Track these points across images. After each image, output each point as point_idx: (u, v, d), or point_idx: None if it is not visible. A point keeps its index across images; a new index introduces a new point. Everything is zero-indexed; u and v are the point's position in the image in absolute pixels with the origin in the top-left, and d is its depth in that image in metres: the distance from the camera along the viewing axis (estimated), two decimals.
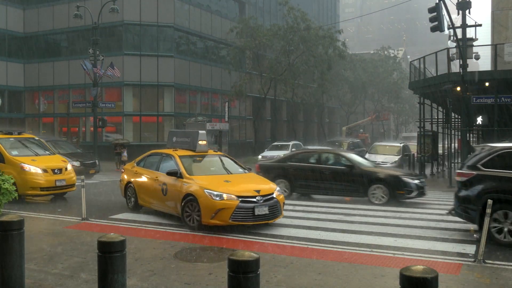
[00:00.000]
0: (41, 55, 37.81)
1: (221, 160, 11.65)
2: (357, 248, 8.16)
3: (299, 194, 15.30)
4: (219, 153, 12.45)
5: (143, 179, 11.37)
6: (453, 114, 26.06)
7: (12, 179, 10.03)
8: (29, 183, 12.89)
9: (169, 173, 10.23)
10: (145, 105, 34.72)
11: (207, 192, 9.26)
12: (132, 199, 11.78)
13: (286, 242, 8.57)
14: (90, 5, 30.93)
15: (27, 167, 13.00)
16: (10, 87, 37.61)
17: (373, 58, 57.96)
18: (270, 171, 15.09)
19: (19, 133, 14.73)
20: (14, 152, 13.55)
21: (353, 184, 13.96)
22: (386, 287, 6.24)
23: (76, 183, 13.97)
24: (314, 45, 39.71)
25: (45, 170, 13.18)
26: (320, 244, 8.47)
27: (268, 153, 31.01)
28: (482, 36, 30.89)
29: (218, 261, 7.27)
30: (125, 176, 12.22)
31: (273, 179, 13.82)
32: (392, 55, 60.95)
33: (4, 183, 9.53)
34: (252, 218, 9.22)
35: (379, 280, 6.46)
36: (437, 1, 18.80)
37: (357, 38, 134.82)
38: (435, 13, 18.70)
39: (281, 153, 30.34)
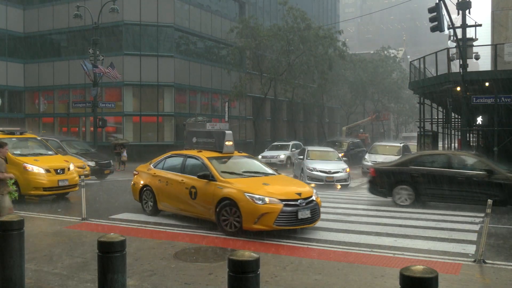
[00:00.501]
0: (41, 55, 37.80)
1: (249, 162, 11.23)
2: (357, 248, 8.16)
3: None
4: (244, 154, 12.01)
5: (165, 182, 10.73)
6: (453, 114, 26.06)
7: (12, 179, 10.00)
8: (32, 183, 12.88)
9: (200, 176, 9.74)
10: (145, 105, 34.72)
11: (248, 195, 8.83)
12: (150, 203, 11.14)
13: (286, 242, 8.57)
14: (90, 5, 30.93)
15: (29, 167, 12.98)
16: (10, 87, 37.60)
17: (373, 58, 57.96)
18: (389, 177, 13.54)
19: (21, 133, 14.75)
20: (17, 152, 13.53)
21: (493, 191, 12.14)
22: (386, 287, 6.24)
23: (76, 184, 13.96)
24: (314, 45, 39.71)
25: (48, 170, 13.16)
26: (320, 244, 8.47)
27: (268, 153, 31.03)
28: (482, 36, 30.87)
29: (218, 261, 7.28)
30: (140, 179, 11.58)
31: (393, 186, 13.12)
32: (392, 55, 60.95)
33: None
34: (296, 222, 8.88)
35: (379, 280, 6.46)
36: (437, 1, 18.79)
37: (357, 38, 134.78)
38: (435, 13, 18.70)
39: (281, 153, 30.49)
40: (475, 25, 24.48)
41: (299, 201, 8.97)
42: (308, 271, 6.83)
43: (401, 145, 26.61)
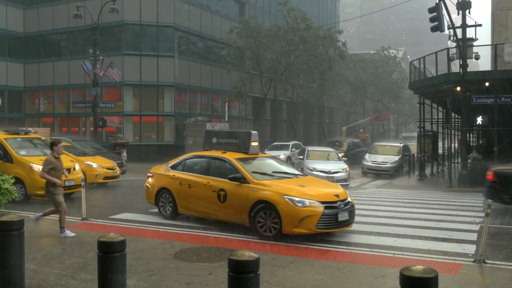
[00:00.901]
0: (41, 55, 37.80)
1: (275, 163, 10.91)
2: (357, 248, 8.16)
3: None
4: (267, 154, 11.47)
5: (187, 184, 10.27)
6: (453, 114, 26.06)
7: (12, 179, 10.01)
8: (39, 183, 12.59)
9: (232, 178, 9.36)
10: (145, 105, 34.71)
11: (287, 198, 8.57)
12: (168, 207, 10.68)
13: (286, 243, 8.57)
14: (90, 5, 30.93)
15: (36, 167, 12.82)
16: (10, 87, 37.60)
17: (373, 58, 57.98)
18: None
19: (26, 133, 14.66)
20: (22, 152, 13.45)
21: None
22: (386, 287, 6.24)
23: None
24: (314, 45, 39.71)
25: None
26: (320, 244, 8.47)
27: (268, 153, 30.99)
28: (482, 36, 30.85)
29: (218, 261, 7.28)
30: (156, 181, 11.04)
31: None
32: (392, 55, 60.97)
33: (4, 183, 9.52)
34: (335, 225, 8.74)
35: (379, 280, 6.46)
36: (437, 1, 18.80)
37: (357, 38, 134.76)
38: (435, 13, 18.70)
39: (281, 153, 30.48)
40: (475, 25, 24.43)
41: (337, 203, 8.83)
42: (308, 271, 6.83)
43: (401, 145, 26.64)
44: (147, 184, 11.41)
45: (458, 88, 19.96)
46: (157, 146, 34.05)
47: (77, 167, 14.05)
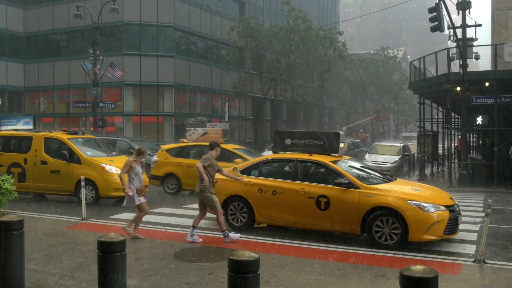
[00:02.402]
0: (41, 55, 37.82)
1: (361, 165, 10.30)
2: (357, 248, 8.16)
3: None
4: (347, 156, 10.85)
5: (270, 191, 9.25)
6: (453, 114, 26.04)
7: (12, 179, 9.97)
8: (112, 184, 12.32)
9: (339, 184, 8.61)
10: (145, 105, 34.73)
11: (413, 203, 8.06)
12: (241, 216, 9.64)
13: (286, 243, 8.57)
14: (90, 5, 30.94)
15: (108, 167, 12.47)
16: (10, 87, 37.61)
17: (373, 58, 57.99)
18: None
19: (83, 133, 14.25)
20: (88, 153, 13.08)
21: None
22: (386, 287, 6.24)
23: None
24: (314, 46, 39.73)
25: None
26: (320, 244, 8.47)
27: (267, 153, 31.01)
28: (482, 36, 30.84)
29: (218, 261, 7.27)
30: (222, 188, 9.71)
31: None
32: (392, 55, 60.97)
33: (4, 183, 9.50)
34: (455, 229, 8.42)
35: (379, 280, 6.45)
36: (437, 1, 18.79)
37: (357, 38, 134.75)
38: (435, 13, 18.70)
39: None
40: (475, 25, 24.40)
41: (455, 206, 8.51)
42: (308, 271, 6.83)
43: (401, 145, 26.63)
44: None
45: (458, 88, 19.95)
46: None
47: None
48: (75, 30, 35.59)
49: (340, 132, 10.23)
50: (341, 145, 9.94)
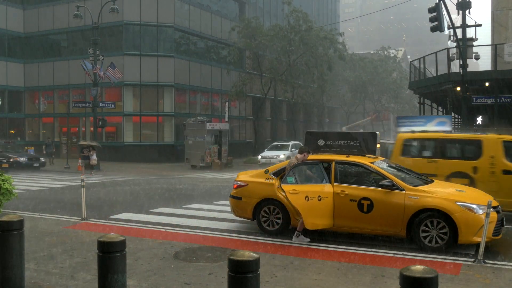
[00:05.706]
0: (41, 55, 37.80)
1: (397, 166, 9.94)
2: (357, 248, 8.16)
3: None
4: (381, 157, 10.54)
5: (305, 194, 8.57)
6: (453, 114, 26.06)
7: (12, 178, 9.95)
8: None
9: (383, 185, 8.39)
10: (145, 105, 34.71)
11: (462, 205, 7.91)
12: (275, 220, 9.32)
13: (286, 243, 8.57)
14: (90, 5, 30.93)
15: None
16: (10, 87, 37.60)
17: (373, 58, 58.02)
18: None
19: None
20: None
21: None
22: (386, 287, 6.24)
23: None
24: (315, 46, 39.74)
25: None
26: (320, 244, 8.47)
27: (268, 153, 31.06)
28: (482, 36, 30.85)
29: (218, 261, 7.27)
30: (255, 191, 9.50)
31: None
32: (392, 55, 60.97)
33: (4, 183, 9.49)
34: (501, 230, 8.29)
35: (379, 280, 6.45)
36: (437, 1, 18.80)
37: (357, 38, 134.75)
38: (435, 13, 18.71)
39: (281, 153, 30.52)
40: (475, 25, 24.44)
41: (499, 207, 8.36)
42: (308, 271, 6.83)
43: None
44: (240, 195, 9.74)
45: (458, 88, 19.98)
46: (157, 146, 34.07)
47: None
48: (75, 30, 35.58)
49: (378, 132, 9.81)
50: (378, 146, 9.69)
